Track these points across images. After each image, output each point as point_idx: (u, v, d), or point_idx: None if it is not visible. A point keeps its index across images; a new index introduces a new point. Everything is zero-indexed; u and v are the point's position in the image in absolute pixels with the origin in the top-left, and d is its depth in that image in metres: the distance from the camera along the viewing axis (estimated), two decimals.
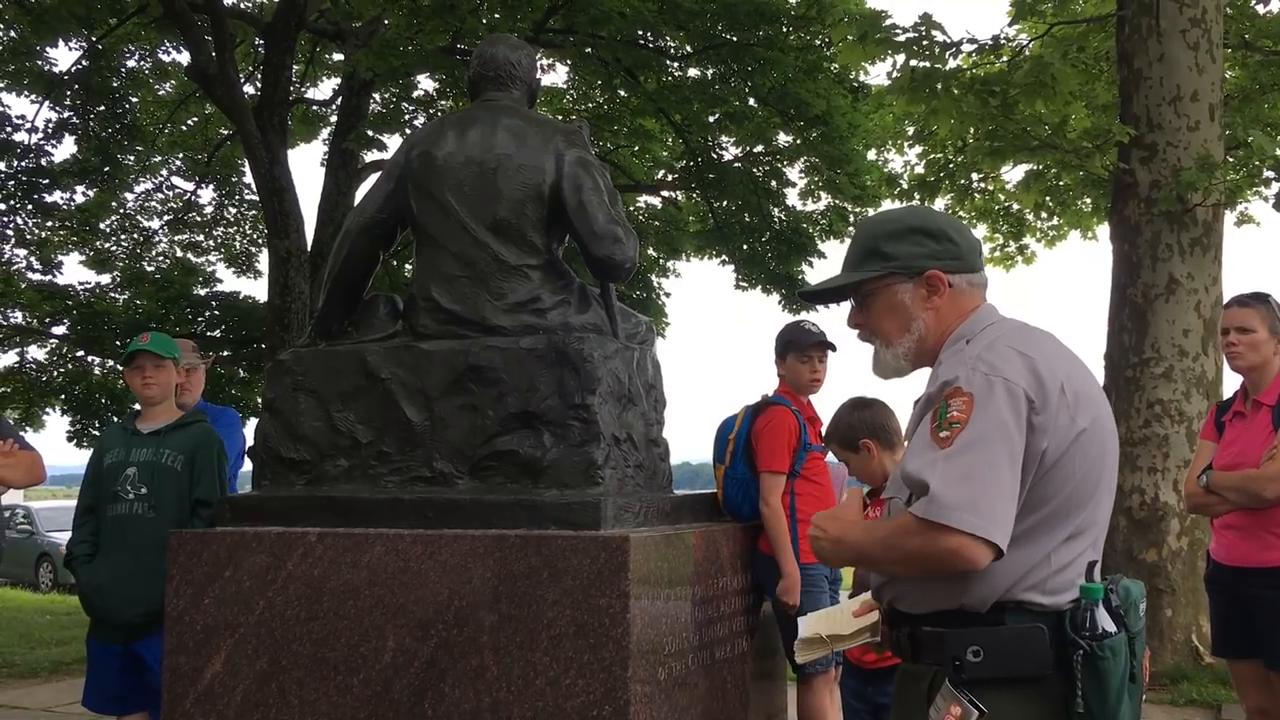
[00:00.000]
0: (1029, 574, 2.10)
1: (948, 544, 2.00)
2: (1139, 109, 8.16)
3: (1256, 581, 3.96)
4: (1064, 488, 2.12)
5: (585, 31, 12.48)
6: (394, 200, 3.98)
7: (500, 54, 4.10)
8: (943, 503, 2.00)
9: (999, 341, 2.18)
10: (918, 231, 2.33)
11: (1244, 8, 10.62)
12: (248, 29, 15.75)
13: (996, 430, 2.04)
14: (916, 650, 2.21)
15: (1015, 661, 2.08)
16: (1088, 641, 2.04)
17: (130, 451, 4.36)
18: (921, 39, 8.30)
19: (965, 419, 2.05)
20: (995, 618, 2.11)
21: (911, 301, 2.32)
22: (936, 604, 2.15)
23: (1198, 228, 7.96)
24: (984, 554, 2.01)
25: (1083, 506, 2.15)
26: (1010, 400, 2.07)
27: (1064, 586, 2.12)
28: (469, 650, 3.34)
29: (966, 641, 2.09)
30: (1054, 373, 2.13)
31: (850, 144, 14.17)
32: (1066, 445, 2.11)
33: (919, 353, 2.34)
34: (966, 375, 2.11)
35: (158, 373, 4.43)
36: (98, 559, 4.34)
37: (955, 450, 2.04)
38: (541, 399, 3.57)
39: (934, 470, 2.04)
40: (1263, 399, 4.08)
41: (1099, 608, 2.07)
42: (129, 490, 4.31)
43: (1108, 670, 2.04)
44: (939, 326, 2.31)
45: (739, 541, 4.14)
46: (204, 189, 19.34)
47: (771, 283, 15.78)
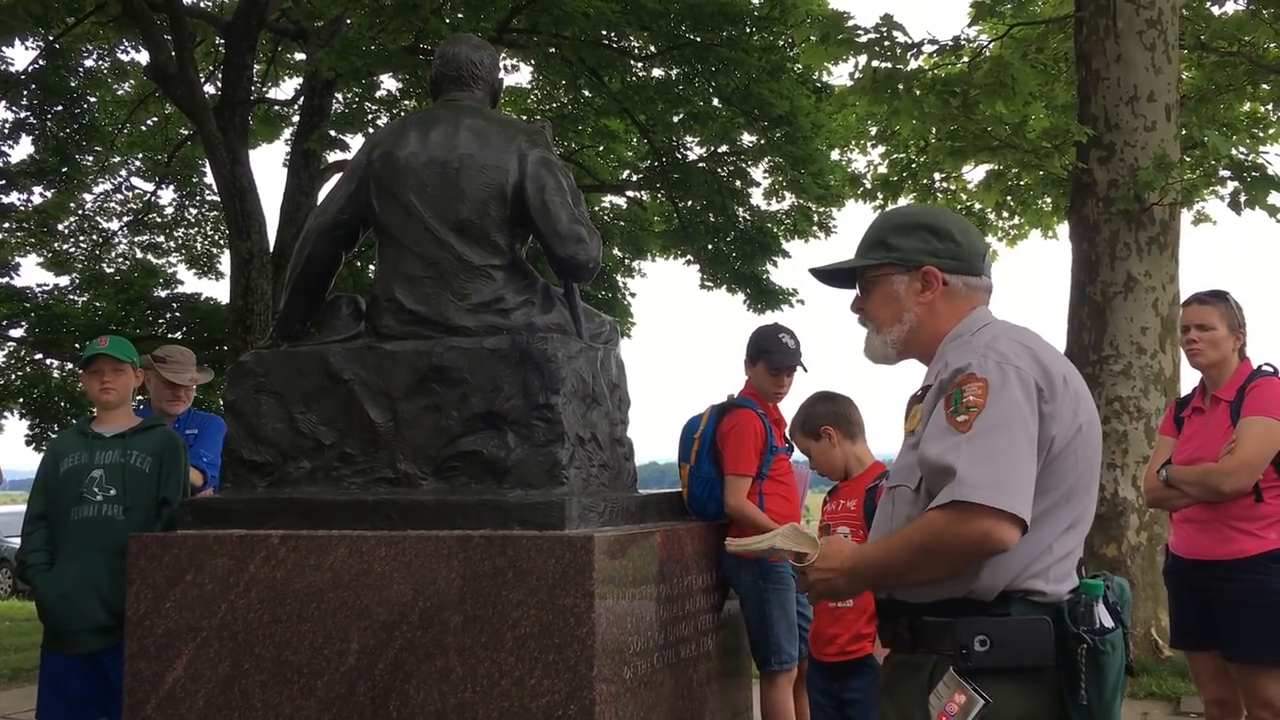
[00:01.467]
0: (1034, 561, 2.15)
1: (978, 526, 2.04)
2: (1097, 109, 8.26)
3: (1215, 574, 4.02)
4: (1068, 478, 2.18)
5: (549, 31, 12.46)
6: (356, 201, 3.96)
7: (462, 54, 4.09)
8: (971, 483, 2.05)
9: (1003, 335, 2.25)
10: (923, 228, 2.40)
11: (1200, 9, 10.75)
12: (208, 28, 15.63)
13: (1014, 413, 2.11)
14: (916, 640, 2.24)
15: (1021, 652, 2.12)
16: (1091, 636, 2.09)
17: (94, 454, 4.29)
18: (883, 40, 8.36)
19: (982, 403, 2.11)
20: (1001, 607, 2.15)
21: (905, 294, 2.39)
22: (943, 593, 2.18)
23: (1155, 227, 8.06)
24: (1013, 533, 2.06)
25: (1080, 498, 2.22)
26: (1024, 387, 2.13)
27: (1063, 575, 2.18)
28: (434, 651, 3.33)
29: (974, 630, 2.13)
30: (1057, 368, 2.21)
31: (814, 144, 14.23)
32: (1071, 436, 2.18)
33: (907, 343, 2.41)
34: (979, 362, 2.17)
35: (116, 377, 4.38)
36: (58, 566, 4.21)
37: (976, 433, 2.09)
38: (505, 399, 3.57)
39: (958, 453, 2.09)
40: (1221, 395, 4.13)
41: (1099, 603, 2.13)
42: (96, 492, 4.22)
43: (1108, 664, 2.11)
44: (931, 322, 2.38)
45: (704, 540, 4.15)
46: (164, 189, 19.17)
47: (736, 282, 15.82)
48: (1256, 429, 3.92)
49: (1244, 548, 3.96)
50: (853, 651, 4.05)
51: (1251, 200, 8.15)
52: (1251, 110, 13.71)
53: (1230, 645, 4.03)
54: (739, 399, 4.75)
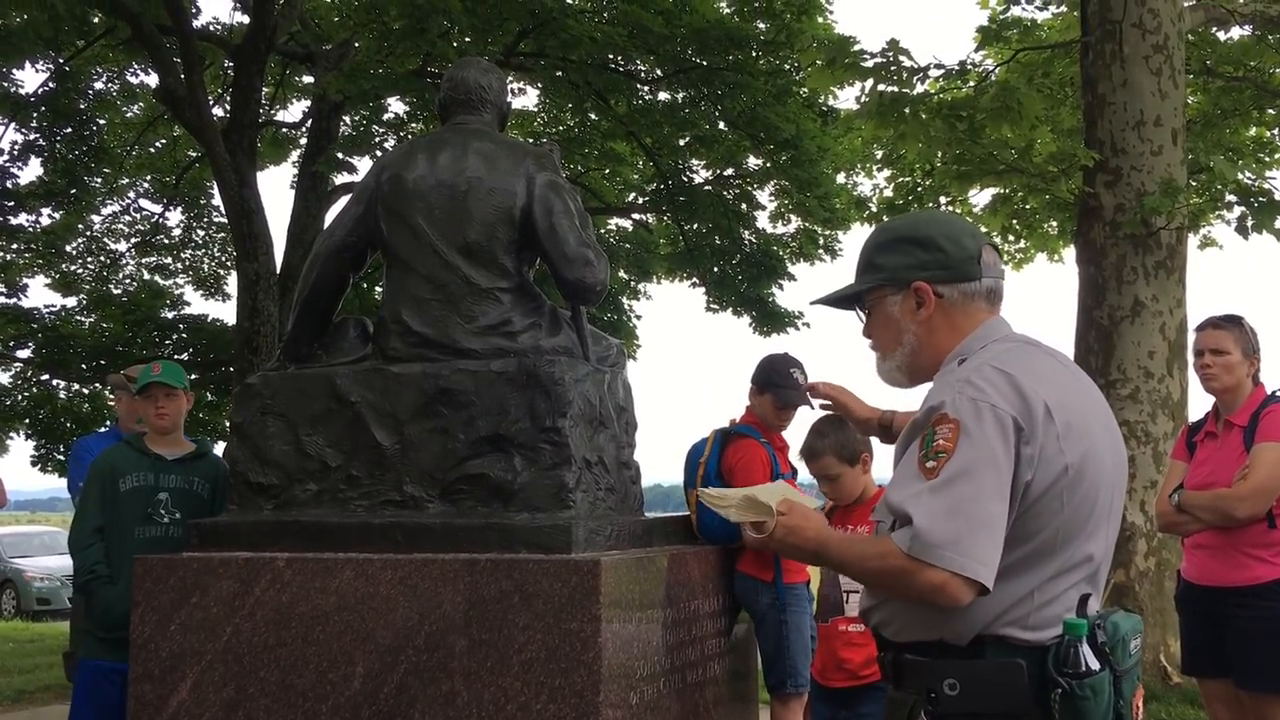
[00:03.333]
0: (1011, 609, 2.03)
1: (931, 579, 1.95)
2: (1103, 134, 8.27)
3: (1227, 601, 3.99)
4: (1050, 522, 2.04)
5: (556, 55, 12.53)
6: (364, 223, 3.96)
7: (470, 77, 4.10)
8: (926, 539, 1.95)
9: (988, 363, 2.10)
10: (906, 241, 2.27)
11: (1205, 34, 10.79)
12: (217, 51, 15.70)
13: (984, 460, 1.98)
14: (899, 677, 2.16)
15: (992, 698, 2.00)
16: (1068, 680, 1.96)
17: (159, 476, 4.42)
18: (889, 64, 8.39)
19: (951, 449, 1.99)
20: (975, 651, 2.04)
21: (901, 314, 2.26)
22: (917, 634, 2.10)
23: (1162, 251, 8.06)
24: (967, 592, 1.95)
25: (1072, 541, 2.06)
26: (999, 429, 2.00)
27: (1048, 622, 2.04)
28: (439, 676, 3.31)
29: (943, 673, 2.03)
30: (1039, 395, 2.04)
31: (819, 167, 14.27)
32: (1053, 478, 2.03)
33: (913, 366, 2.28)
34: (953, 400, 2.04)
35: (169, 402, 4.53)
36: (123, 581, 4.22)
37: (941, 482, 1.97)
38: (512, 422, 3.56)
39: (918, 503, 1.98)
40: (1235, 420, 4.11)
41: (1082, 644, 1.99)
42: (163, 514, 4.36)
43: (1088, 710, 1.96)
44: (932, 340, 2.24)
45: (711, 564, 4.13)
46: (172, 211, 19.24)
47: (742, 305, 15.84)
48: (1270, 455, 3.90)
49: (1257, 574, 3.94)
50: (865, 677, 3.96)
51: (1258, 225, 8.13)
52: (1257, 135, 13.76)
53: (1243, 672, 4.00)
54: (741, 427, 4.73)
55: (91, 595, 4.38)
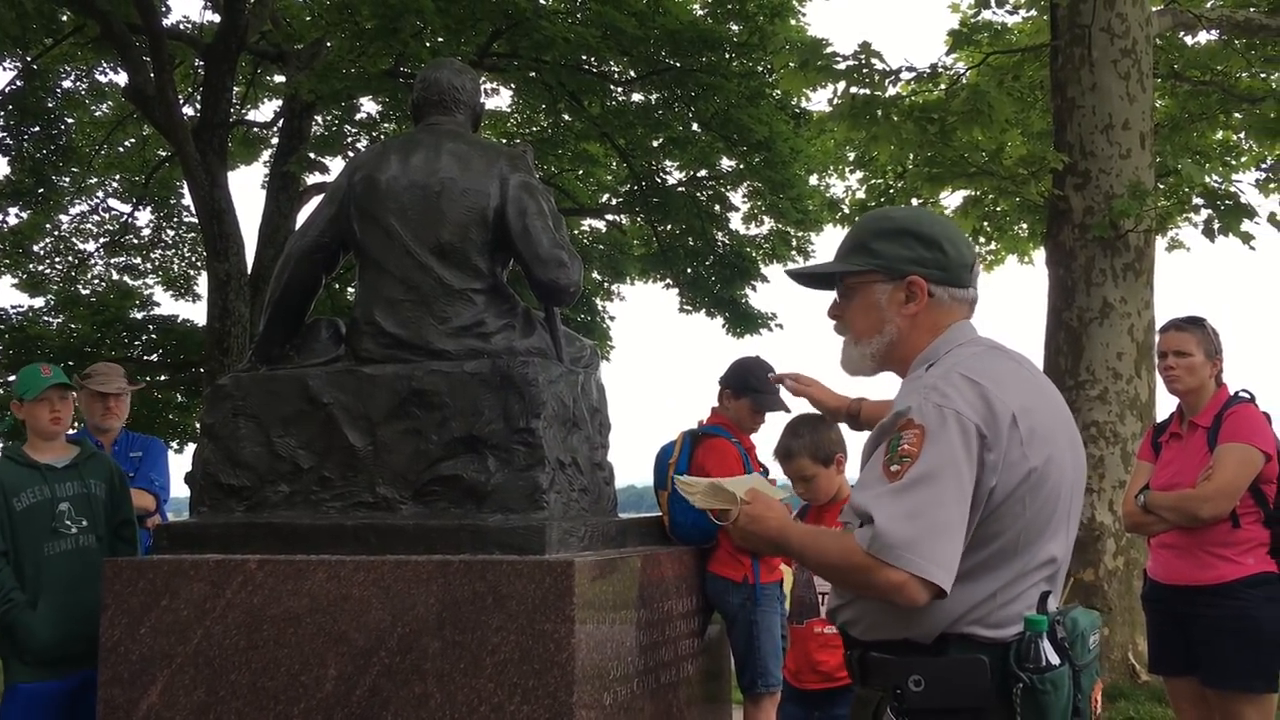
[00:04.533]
0: (975, 609, 2.06)
1: (889, 579, 1.97)
2: (1072, 137, 8.35)
3: (1192, 599, 4.04)
4: (1013, 525, 2.07)
5: (529, 56, 12.52)
6: (336, 224, 3.95)
7: (444, 78, 4.09)
8: (886, 540, 1.98)
9: (955, 369, 2.12)
10: (910, 234, 2.26)
11: (1172, 39, 10.90)
12: (187, 50, 15.60)
13: (947, 466, 2.00)
14: (865, 675, 2.19)
15: (956, 693, 2.04)
16: (1029, 674, 2.00)
17: (54, 488, 4.24)
18: (861, 67, 8.44)
19: (916, 453, 2.01)
20: (939, 649, 2.07)
21: (888, 303, 2.26)
22: (884, 633, 2.13)
23: (1130, 253, 8.14)
24: (924, 593, 1.98)
25: (1034, 543, 2.10)
26: (963, 435, 2.02)
27: (1010, 620, 2.08)
28: (412, 677, 3.30)
29: (908, 670, 2.06)
30: (1005, 404, 2.07)
31: (792, 169, 14.33)
32: (1016, 483, 2.06)
33: (886, 357, 2.29)
34: (919, 406, 2.06)
35: (64, 406, 4.35)
36: (43, 601, 4.14)
37: (904, 485, 2.00)
38: (486, 423, 3.55)
39: (880, 505, 2.01)
40: (1199, 420, 4.16)
41: (1043, 639, 2.03)
42: (69, 525, 4.21)
43: (1048, 704, 2.00)
44: (912, 335, 2.25)
45: (684, 564, 4.14)
46: (141, 211, 19.10)
47: (715, 306, 15.88)
48: (1234, 455, 3.95)
49: (1222, 573, 3.98)
50: (840, 679, 3.93)
51: (1225, 227, 8.24)
52: (1224, 139, 13.91)
53: (1208, 671, 4.05)
54: (711, 427, 4.74)
55: (13, 625, 4.12)
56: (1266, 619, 3.95)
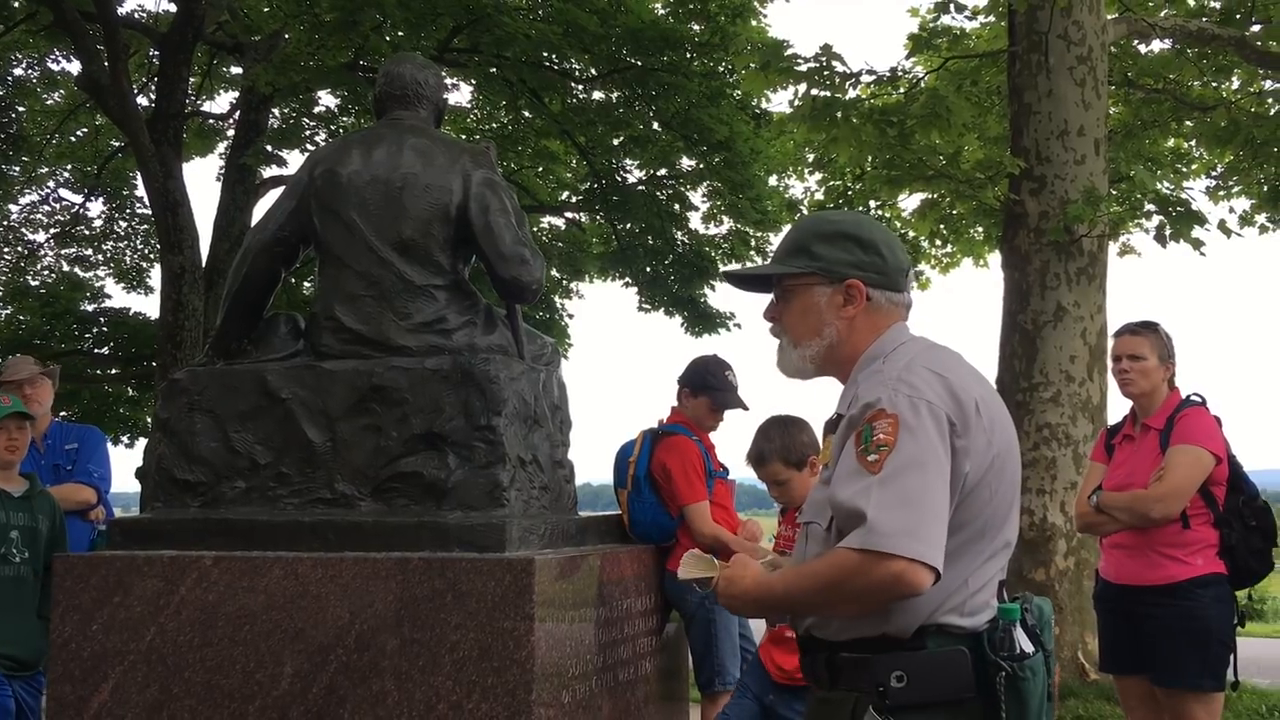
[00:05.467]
0: (950, 598, 2.09)
1: (890, 570, 1.97)
2: (1029, 142, 8.45)
3: (1144, 599, 4.10)
4: (983, 511, 2.12)
5: (490, 52, 12.47)
6: (296, 218, 3.91)
7: (407, 72, 4.07)
8: (882, 530, 1.98)
9: (915, 363, 2.16)
10: (849, 238, 2.29)
11: (1126, 46, 11.05)
12: (142, 39, 15.38)
13: (927, 452, 2.03)
14: (834, 677, 2.17)
15: (939, 686, 2.07)
16: (1009, 663, 2.04)
17: (8, 514, 4.30)
18: (822, 69, 8.48)
19: (893, 442, 2.03)
20: (917, 642, 2.09)
21: (827, 306, 2.28)
22: (858, 631, 2.12)
23: (1084, 258, 8.25)
24: (926, 577, 1.99)
25: (998, 529, 2.16)
26: (936, 423, 2.05)
27: (980, 608, 2.12)
28: (369, 675, 3.28)
29: (890, 667, 2.07)
30: (970, 394, 2.12)
31: (752, 169, 14.37)
32: (985, 468, 2.11)
33: (825, 359, 2.31)
34: (889, 397, 2.08)
35: (21, 435, 4.40)
36: None
37: (887, 475, 2.01)
38: (446, 420, 3.54)
39: (868, 497, 2.01)
40: (1151, 423, 4.23)
41: (1016, 628, 2.08)
42: (15, 553, 4.26)
43: (1029, 690, 2.05)
44: (851, 338, 2.28)
45: (643, 563, 4.15)
46: (93, 202, 18.81)
47: (674, 305, 15.91)
48: (1185, 457, 4.01)
49: (1172, 573, 4.04)
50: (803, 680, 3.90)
51: (1176, 234, 8.37)
52: (1175, 146, 14.12)
53: (1158, 670, 4.11)
54: (671, 426, 4.76)
55: None
56: (1215, 619, 4.02)
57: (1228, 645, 4.04)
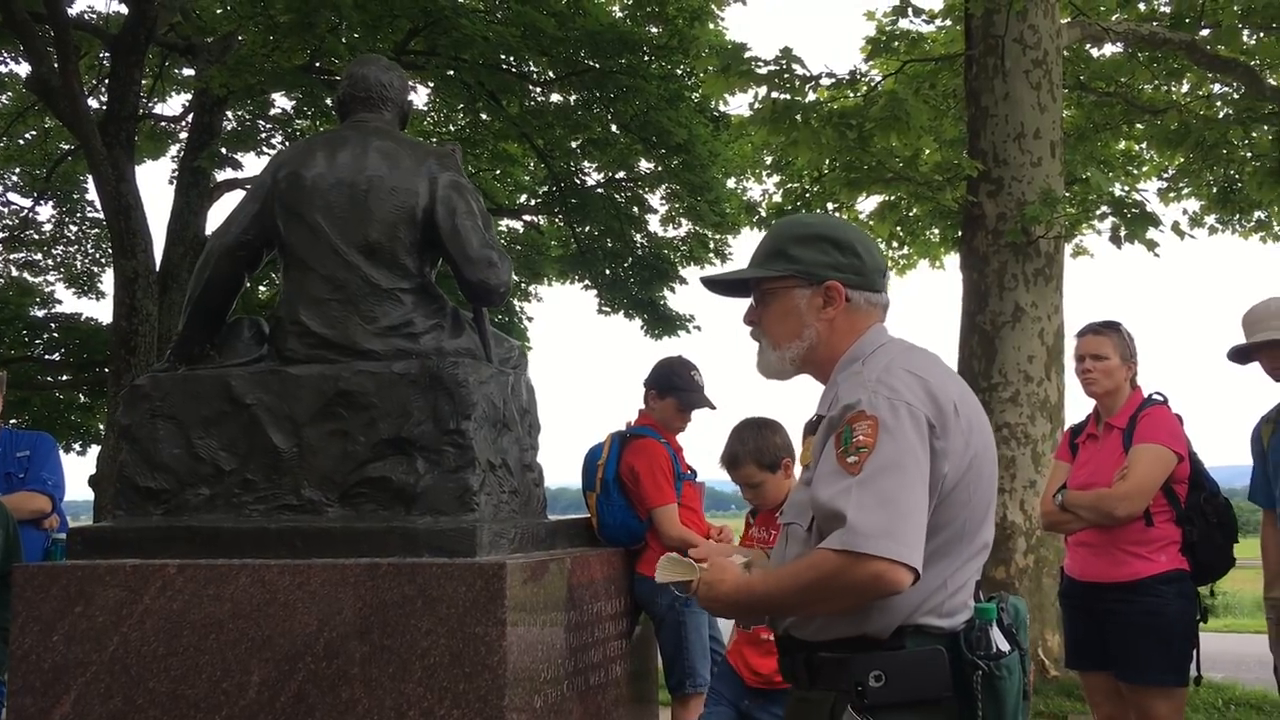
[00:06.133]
0: (929, 599, 2.10)
1: (869, 570, 1.98)
2: (986, 145, 8.53)
3: (1108, 596, 4.14)
4: (961, 512, 2.14)
5: (448, 54, 12.40)
6: (260, 221, 3.87)
7: (371, 75, 4.04)
8: (861, 531, 1.98)
9: (894, 365, 2.17)
10: (826, 240, 2.31)
11: (1079, 50, 11.19)
12: (93, 40, 15.15)
13: (906, 454, 2.04)
14: (813, 677, 2.18)
15: (917, 685, 2.08)
16: (985, 662, 2.07)
17: None
18: (783, 72, 8.51)
19: (873, 443, 2.04)
20: (896, 642, 2.10)
21: (807, 308, 2.30)
22: (837, 631, 2.13)
23: (1041, 259, 8.34)
24: (905, 577, 2.00)
25: (976, 530, 2.18)
26: (915, 425, 2.06)
27: (958, 608, 2.15)
28: (339, 683, 3.25)
29: (869, 666, 2.08)
30: (948, 396, 2.14)
31: (710, 172, 14.40)
32: (964, 470, 2.12)
33: (806, 361, 2.32)
34: (869, 399, 2.09)
35: None
36: None
37: (867, 475, 2.02)
38: (415, 424, 3.51)
39: (848, 498, 2.01)
40: (1115, 422, 4.27)
41: (993, 627, 2.10)
42: None
43: (1005, 689, 2.07)
44: (831, 339, 2.30)
45: (613, 566, 4.14)
46: (43, 205, 18.49)
47: (634, 308, 15.91)
48: (1148, 455, 4.06)
49: (1136, 570, 4.08)
50: (780, 683, 3.88)
51: (1131, 235, 8.48)
52: (1126, 148, 14.33)
53: (1122, 666, 4.15)
54: (639, 428, 4.75)
55: None
56: (1178, 615, 4.07)
57: (1190, 641, 4.09)
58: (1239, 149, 12.12)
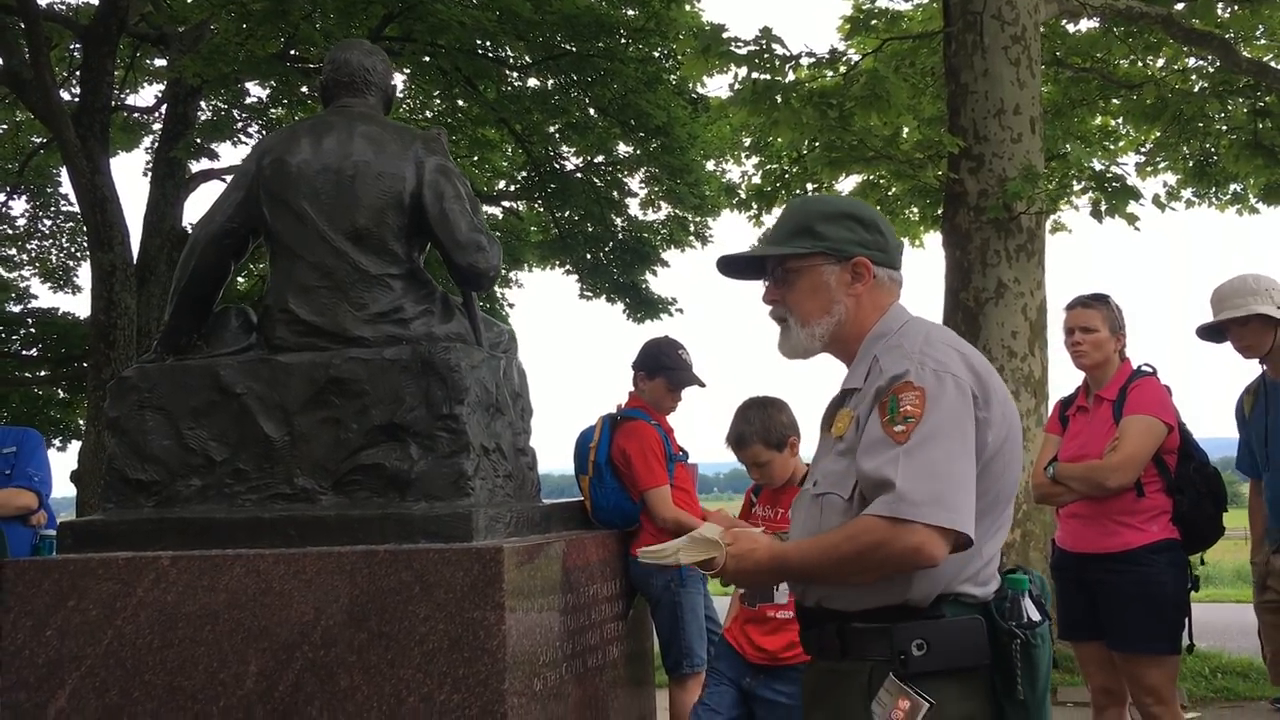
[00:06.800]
0: (967, 566, 2.15)
1: (911, 540, 2.02)
2: (966, 121, 8.53)
3: (1099, 567, 4.16)
4: (997, 482, 2.18)
5: (424, 40, 12.30)
6: (245, 209, 3.83)
7: (354, 59, 4.01)
8: (910, 499, 2.02)
9: (933, 337, 2.22)
10: (850, 218, 2.35)
11: (1055, 26, 11.21)
12: (64, 31, 14.97)
13: (953, 424, 2.08)
14: (845, 647, 2.20)
15: (958, 653, 2.12)
16: (1023, 630, 2.11)
17: None
18: (762, 52, 8.49)
19: (920, 413, 2.07)
20: (935, 611, 2.14)
21: (836, 285, 2.33)
22: (877, 600, 2.16)
23: (1023, 234, 8.36)
24: (944, 549, 2.04)
25: (1008, 500, 2.24)
26: (961, 396, 2.11)
27: (990, 578, 2.21)
28: (336, 671, 3.24)
29: (911, 635, 2.11)
30: (986, 369, 2.21)
31: (690, 154, 14.35)
32: (1002, 440, 2.17)
33: (834, 336, 2.35)
34: (916, 370, 2.13)
35: None
36: None
37: (915, 444, 2.05)
38: (408, 410, 3.50)
39: (895, 466, 2.05)
40: (1104, 394, 4.29)
41: (1024, 598, 2.16)
42: None
43: (1039, 657, 2.13)
44: (857, 315, 2.33)
45: (607, 549, 4.14)
46: (15, 200, 18.29)
47: (615, 292, 15.86)
48: (1138, 426, 4.08)
49: (1127, 540, 4.11)
50: (786, 659, 3.84)
51: (1112, 209, 8.52)
52: (1103, 124, 14.36)
53: (1114, 635, 4.18)
54: (629, 410, 4.75)
55: None
56: (1169, 583, 4.10)
57: (1182, 609, 4.12)
58: (1215, 122, 12.18)
